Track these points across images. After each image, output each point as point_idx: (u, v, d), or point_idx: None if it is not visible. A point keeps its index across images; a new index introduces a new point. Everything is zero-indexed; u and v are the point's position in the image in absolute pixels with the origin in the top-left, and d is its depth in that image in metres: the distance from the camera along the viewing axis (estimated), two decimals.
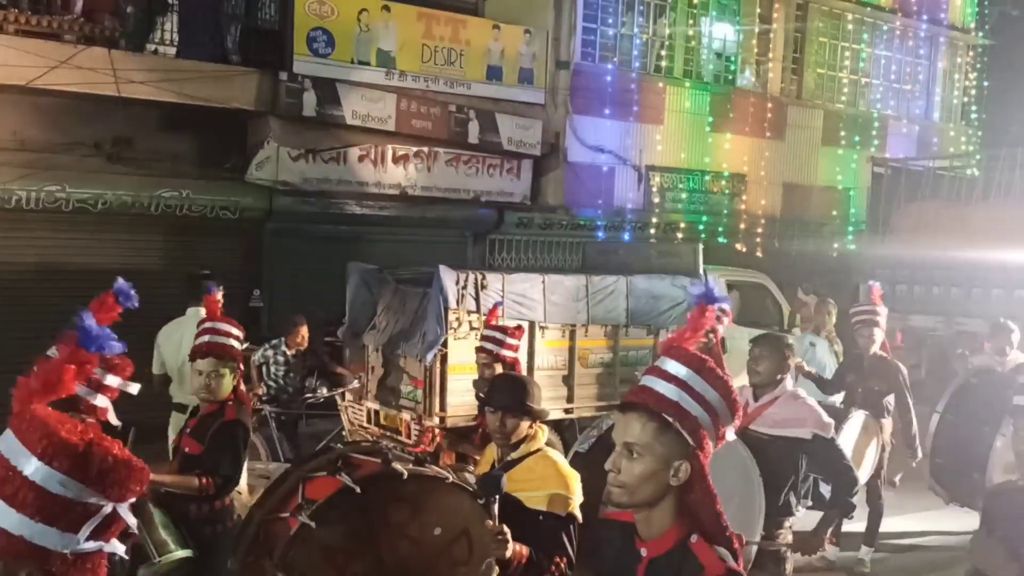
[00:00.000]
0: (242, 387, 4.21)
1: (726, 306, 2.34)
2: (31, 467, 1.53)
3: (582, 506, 3.22)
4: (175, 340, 6.44)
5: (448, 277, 8.19)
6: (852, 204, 16.76)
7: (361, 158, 11.80)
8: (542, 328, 8.76)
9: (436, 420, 7.94)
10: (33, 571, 1.53)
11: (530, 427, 3.44)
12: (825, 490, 4.38)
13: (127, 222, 10.17)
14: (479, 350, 5.57)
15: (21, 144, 9.73)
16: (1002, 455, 5.25)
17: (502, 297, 8.38)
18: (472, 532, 3.13)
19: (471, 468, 4.57)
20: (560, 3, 13.27)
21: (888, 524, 6.98)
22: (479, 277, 8.44)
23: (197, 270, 7.22)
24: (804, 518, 4.39)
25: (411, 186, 12.18)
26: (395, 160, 12.08)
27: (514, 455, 3.40)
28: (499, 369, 5.34)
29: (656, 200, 14.32)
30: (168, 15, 10.72)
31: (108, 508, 1.58)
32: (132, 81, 9.87)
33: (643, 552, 2.12)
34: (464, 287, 8.26)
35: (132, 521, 1.62)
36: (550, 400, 8.60)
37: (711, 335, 5.79)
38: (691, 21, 14.84)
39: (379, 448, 3.29)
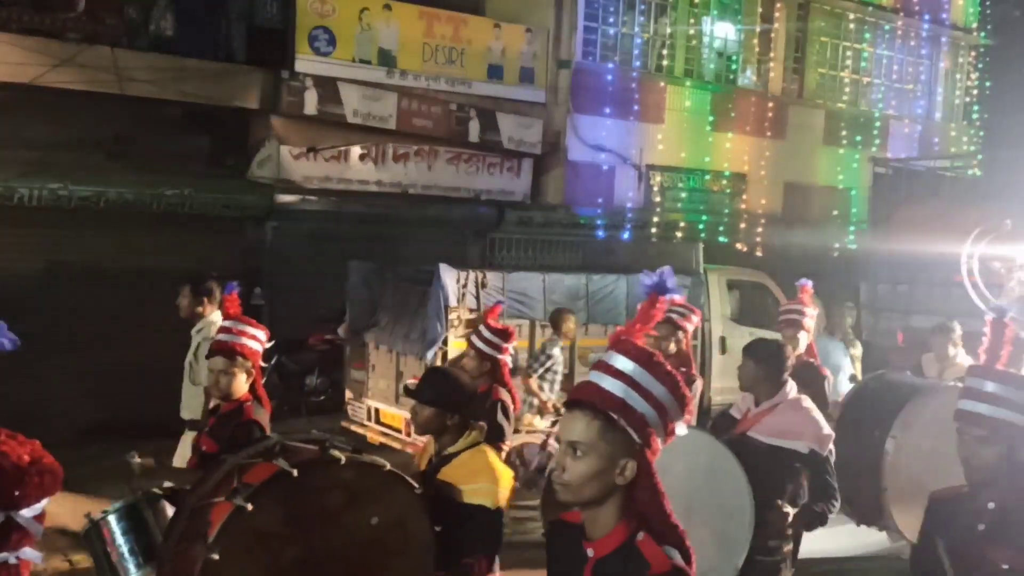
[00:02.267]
0: (261, 388, 4.20)
1: (678, 297, 2.25)
2: None
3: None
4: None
5: (448, 275, 8.23)
6: (853, 204, 16.76)
7: (362, 157, 11.83)
8: (542, 326, 8.79)
9: None
10: None
11: (462, 424, 3.46)
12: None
13: (129, 220, 10.19)
14: (471, 345, 5.55)
15: (24, 142, 9.75)
16: (895, 462, 4.85)
17: (503, 296, 8.40)
18: (408, 523, 3.12)
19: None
20: (561, 2, 13.28)
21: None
22: (479, 276, 8.47)
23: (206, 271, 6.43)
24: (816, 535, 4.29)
25: (412, 185, 12.20)
26: (396, 158, 12.10)
27: (451, 449, 3.44)
28: (478, 366, 5.36)
29: (656, 199, 14.32)
30: (161, 10, 10.68)
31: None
32: (134, 79, 9.90)
33: (589, 552, 2.06)
34: (464, 285, 8.30)
35: (35, 528, 1.53)
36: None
37: (680, 333, 5.73)
38: (692, 20, 14.85)
39: (318, 437, 3.28)
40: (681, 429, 2.08)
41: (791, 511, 4.00)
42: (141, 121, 10.59)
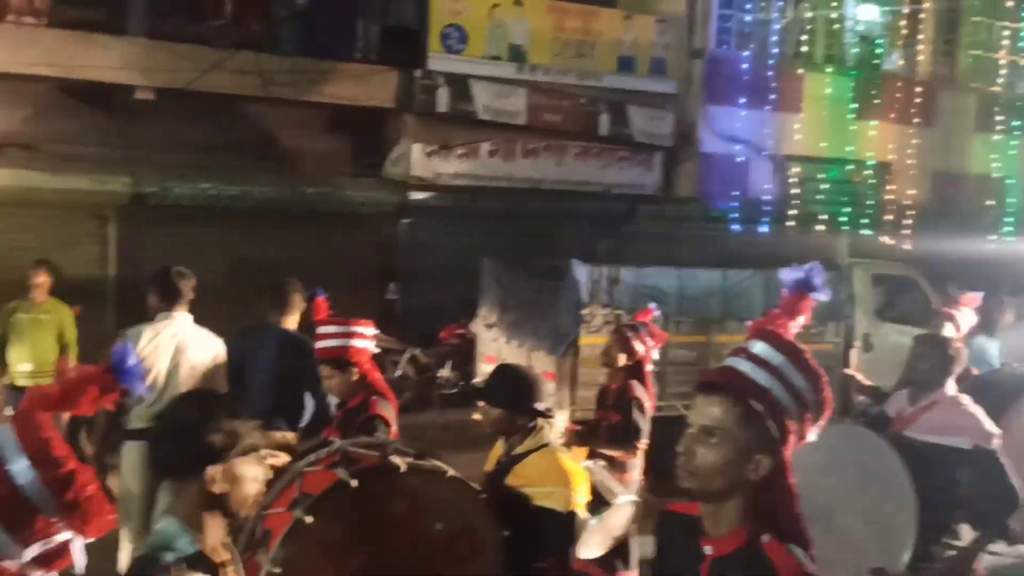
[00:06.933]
0: (381, 382, 4.21)
1: (822, 298, 2.07)
2: (18, 464, 1.52)
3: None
4: (150, 350, 4.88)
5: (581, 272, 8.19)
6: (1010, 193, 15.71)
7: (492, 153, 11.92)
8: (676, 322, 8.62)
9: (567, 414, 7.93)
10: None
11: (532, 423, 3.36)
12: None
13: (272, 218, 10.62)
14: (616, 331, 5.53)
15: (178, 144, 10.31)
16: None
17: (635, 292, 8.29)
18: (475, 528, 3.05)
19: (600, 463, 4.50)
20: None
21: None
22: (611, 271, 8.38)
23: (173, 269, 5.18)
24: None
25: (541, 180, 12.21)
26: (525, 154, 12.13)
27: (519, 450, 3.34)
28: (622, 360, 5.28)
29: (795, 191, 13.85)
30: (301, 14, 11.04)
31: (65, 535, 1.55)
32: (277, 82, 10.29)
33: (707, 550, 1.94)
34: (597, 281, 8.23)
35: (80, 562, 1.57)
36: (682, 397, 8.44)
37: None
38: (834, 4, 14.25)
39: (380, 442, 3.22)
40: (812, 435, 1.97)
41: (955, 520, 3.79)
42: (284, 122, 11.02)
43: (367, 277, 11.29)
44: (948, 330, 5.56)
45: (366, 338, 4.22)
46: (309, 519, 2.90)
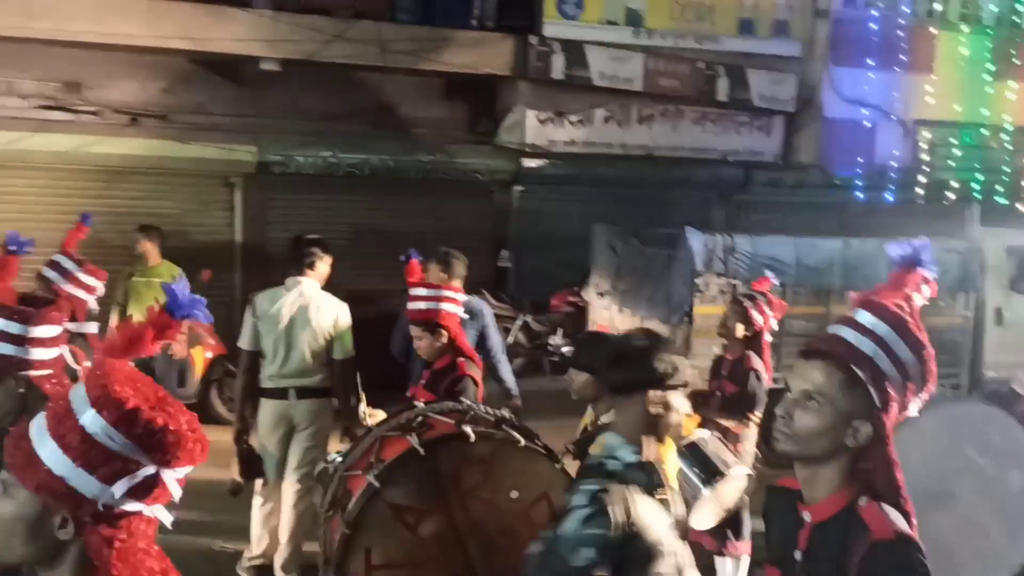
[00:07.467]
0: (466, 346, 4.38)
1: (930, 275, 2.08)
2: (86, 416, 1.58)
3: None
4: (274, 312, 5.20)
5: (696, 239, 8.08)
6: None
7: (607, 119, 11.80)
8: (793, 292, 8.41)
9: None
10: (67, 517, 1.57)
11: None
12: None
13: (389, 185, 10.87)
14: (733, 301, 5.43)
15: (300, 113, 10.63)
16: None
17: (751, 261, 8.12)
18: (552, 496, 3.05)
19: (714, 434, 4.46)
20: None
21: None
22: (727, 240, 8.23)
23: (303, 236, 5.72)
24: None
25: (656, 147, 12.02)
26: (641, 120, 11.96)
27: (606, 418, 3.18)
28: (740, 331, 5.18)
29: (925, 157, 13.19)
30: None
31: (149, 470, 1.59)
32: (395, 51, 10.45)
33: (806, 517, 1.96)
34: (712, 250, 8.11)
35: (176, 492, 1.63)
36: None
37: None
38: None
39: (461, 408, 3.24)
40: (914, 409, 1.96)
41: None
42: (401, 91, 11.21)
43: (480, 244, 11.42)
44: None
45: (456, 303, 4.39)
46: (378, 484, 3.02)
